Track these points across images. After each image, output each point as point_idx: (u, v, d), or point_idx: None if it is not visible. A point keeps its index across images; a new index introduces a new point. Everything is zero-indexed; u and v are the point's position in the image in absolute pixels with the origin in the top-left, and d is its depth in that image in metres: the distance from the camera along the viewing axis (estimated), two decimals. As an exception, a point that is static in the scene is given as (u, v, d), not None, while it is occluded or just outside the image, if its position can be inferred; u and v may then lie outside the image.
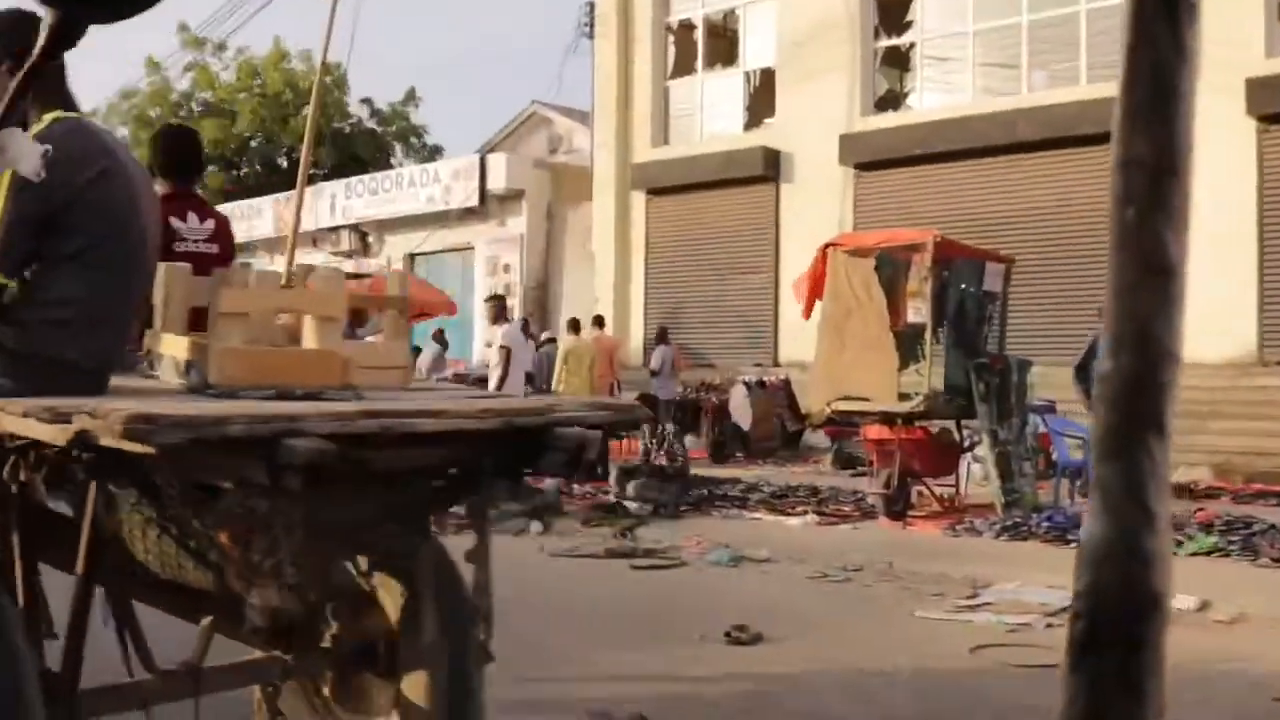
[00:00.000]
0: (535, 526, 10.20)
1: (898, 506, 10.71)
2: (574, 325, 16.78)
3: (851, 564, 8.33)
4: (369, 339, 15.73)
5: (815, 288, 11.77)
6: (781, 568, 8.33)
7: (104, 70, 36.14)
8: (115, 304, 3.04)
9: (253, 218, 30.63)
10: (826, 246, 11.81)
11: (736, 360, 20.73)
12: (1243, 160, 16.00)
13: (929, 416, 11.17)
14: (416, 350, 18.81)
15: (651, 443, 11.58)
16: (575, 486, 12.50)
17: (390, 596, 3.08)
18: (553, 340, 17.50)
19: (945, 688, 5.12)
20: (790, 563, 8.49)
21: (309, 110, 4.13)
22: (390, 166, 33.93)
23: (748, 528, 10.41)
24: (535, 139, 30.83)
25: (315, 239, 28.34)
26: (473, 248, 25.74)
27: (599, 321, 17.84)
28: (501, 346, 12.34)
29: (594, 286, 23.41)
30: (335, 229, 28.21)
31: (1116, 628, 1.01)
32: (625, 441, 15.60)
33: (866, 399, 11.05)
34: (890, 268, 11.51)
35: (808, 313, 11.99)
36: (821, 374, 11.53)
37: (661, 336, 18.51)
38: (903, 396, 10.95)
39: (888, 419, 10.90)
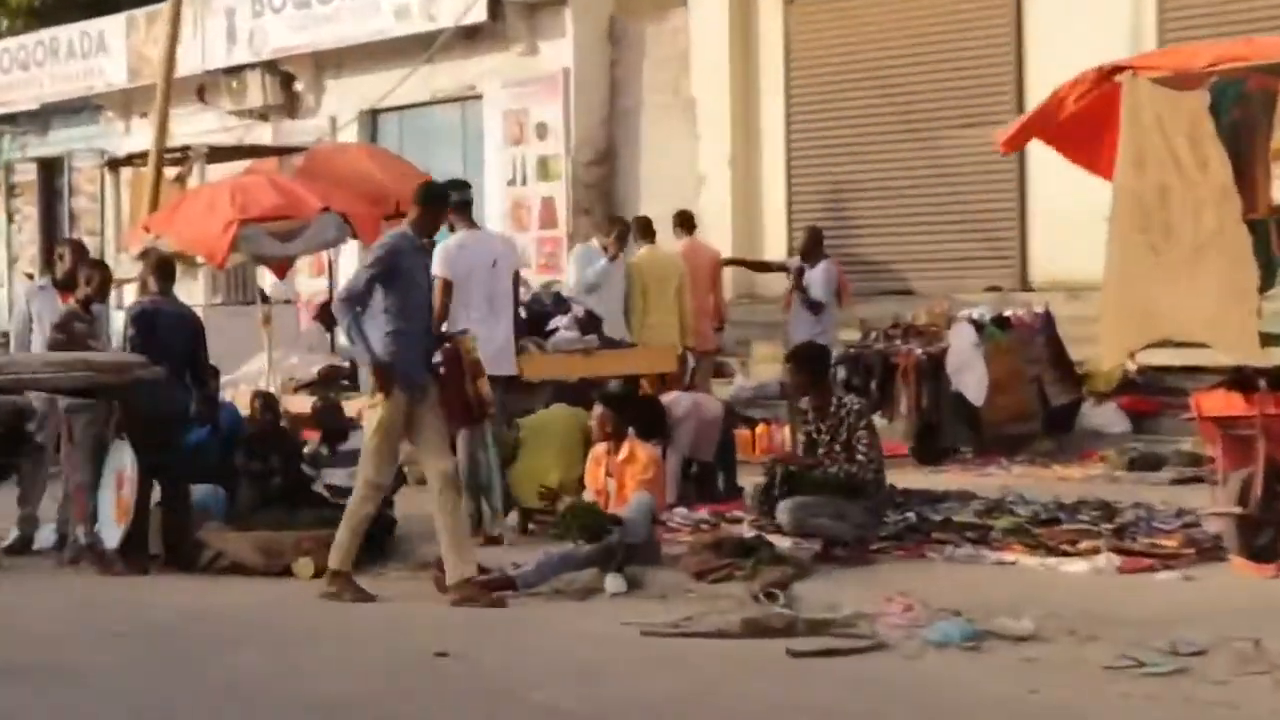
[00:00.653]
0: (614, 583, 10.26)
1: (1265, 538, 10.61)
2: (644, 228, 16.80)
3: (1186, 642, 8.32)
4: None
5: (1047, 121, 11.89)
6: (1059, 650, 8.36)
7: None
8: None
9: (91, 54, 30.91)
10: (1112, 71, 11.65)
11: (954, 282, 20.62)
12: None
13: (1316, 375, 11.09)
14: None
15: (816, 429, 11.45)
16: (683, 511, 12.50)
17: None
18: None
19: None
20: (1074, 641, 8.52)
21: None
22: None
23: (992, 579, 10.45)
24: (583, -100, 30.69)
25: (203, 90, 28.60)
26: (480, 96, 25.79)
27: (684, 222, 18.15)
28: (438, 280, 12.24)
29: (696, 159, 23.39)
30: (238, 70, 28.37)
31: None
32: (766, 428, 15.53)
33: (1199, 345, 11.16)
34: (1236, 108, 11.45)
35: (1011, 143, 12.42)
36: (1116, 301, 11.42)
37: (816, 243, 18.36)
38: (1267, 339, 10.91)
39: (1241, 380, 10.79)
